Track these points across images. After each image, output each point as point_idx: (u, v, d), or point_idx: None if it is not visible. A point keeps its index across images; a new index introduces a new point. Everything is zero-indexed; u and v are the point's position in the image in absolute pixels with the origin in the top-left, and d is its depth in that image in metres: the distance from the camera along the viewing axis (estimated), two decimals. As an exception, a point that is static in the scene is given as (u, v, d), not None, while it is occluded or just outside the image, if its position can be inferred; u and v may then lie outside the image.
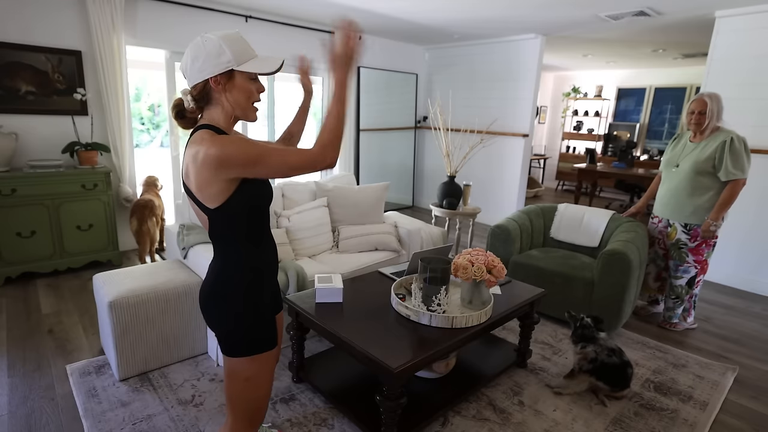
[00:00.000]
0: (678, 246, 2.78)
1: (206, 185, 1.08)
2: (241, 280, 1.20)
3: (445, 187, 3.74)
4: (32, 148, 3.36)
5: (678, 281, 2.83)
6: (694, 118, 2.65)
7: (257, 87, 1.19)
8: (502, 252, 3.09)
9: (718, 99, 2.61)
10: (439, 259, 1.88)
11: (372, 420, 1.81)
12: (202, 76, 1.11)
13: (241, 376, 1.22)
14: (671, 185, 2.78)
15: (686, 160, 2.69)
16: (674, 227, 2.79)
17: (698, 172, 2.62)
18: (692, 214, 2.69)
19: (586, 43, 5.37)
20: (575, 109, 8.52)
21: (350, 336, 1.72)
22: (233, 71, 1.12)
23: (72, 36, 3.40)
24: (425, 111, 6.28)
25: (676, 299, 2.86)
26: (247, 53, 1.14)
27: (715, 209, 2.61)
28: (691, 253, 2.75)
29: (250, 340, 1.20)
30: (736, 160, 2.52)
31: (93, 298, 3.00)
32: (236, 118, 1.20)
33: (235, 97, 1.15)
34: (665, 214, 2.84)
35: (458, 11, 4.06)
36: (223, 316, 1.19)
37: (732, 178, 2.54)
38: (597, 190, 7.89)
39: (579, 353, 2.15)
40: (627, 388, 2.11)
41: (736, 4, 3.45)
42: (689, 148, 2.71)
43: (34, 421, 1.86)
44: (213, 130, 1.13)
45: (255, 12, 4.32)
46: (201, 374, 2.22)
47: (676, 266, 2.82)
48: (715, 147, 2.56)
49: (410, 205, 6.47)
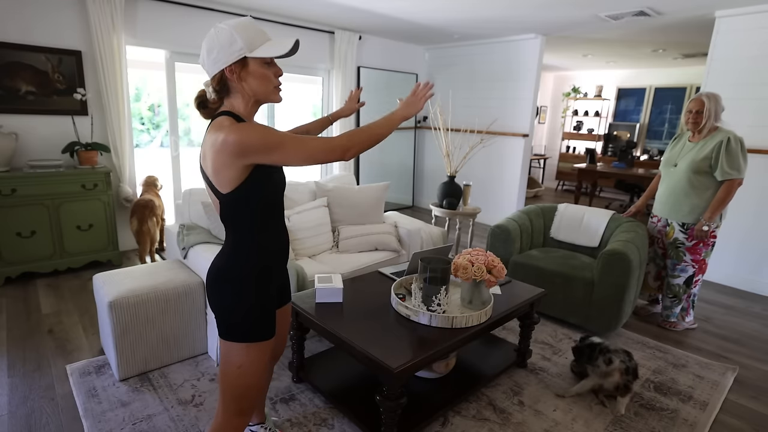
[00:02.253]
0: (675, 245, 2.79)
1: (223, 169, 1.10)
2: (246, 266, 1.22)
3: (445, 187, 3.74)
4: (32, 148, 3.36)
5: (675, 280, 2.83)
6: (691, 117, 2.66)
7: (274, 71, 1.19)
8: (502, 252, 3.09)
9: (716, 99, 2.60)
10: (439, 259, 1.88)
11: (372, 420, 1.81)
12: (218, 67, 1.13)
13: (235, 362, 1.23)
14: (669, 184, 2.79)
15: (684, 159, 2.70)
16: (672, 226, 2.81)
17: (695, 171, 2.63)
18: (689, 213, 2.70)
19: (586, 43, 5.37)
20: (575, 109, 8.52)
21: (350, 336, 1.72)
22: (246, 58, 1.13)
23: (72, 36, 3.40)
24: (425, 111, 6.28)
25: (673, 298, 2.87)
26: (259, 38, 1.14)
27: (710, 209, 2.61)
28: (689, 252, 2.75)
29: (247, 327, 1.22)
30: (732, 160, 2.52)
31: (93, 298, 3.00)
32: (258, 103, 1.21)
33: (251, 84, 1.16)
34: (663, 213, 2.85)
35: (458, 11, 4.06)
36: (226, 298, 1.21)
37: (728, 177, 2.54)
38: (597, 190, 7.89)
39: (608, 371, 2.04)
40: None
41: (736, 4, 3.45)
42: (688, 147, 2.72)
43: (34, 421, 1.86)
44: (232, 117, 1.15)
45: (255, 12, 4.32)
46: (201, 374, 2.22)
47: (673, 265, 2.82)
48: (712, 147, 2.56)
49: (410, 205, 6.47)
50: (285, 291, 1.46)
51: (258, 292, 1.23)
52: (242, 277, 1.22)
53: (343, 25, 4.86)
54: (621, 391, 2.03)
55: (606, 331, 2.71)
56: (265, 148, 1.08)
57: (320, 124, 1.66)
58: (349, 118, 5.26)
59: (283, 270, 1.39)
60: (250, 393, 1.28)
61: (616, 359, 2.04)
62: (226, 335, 1.23)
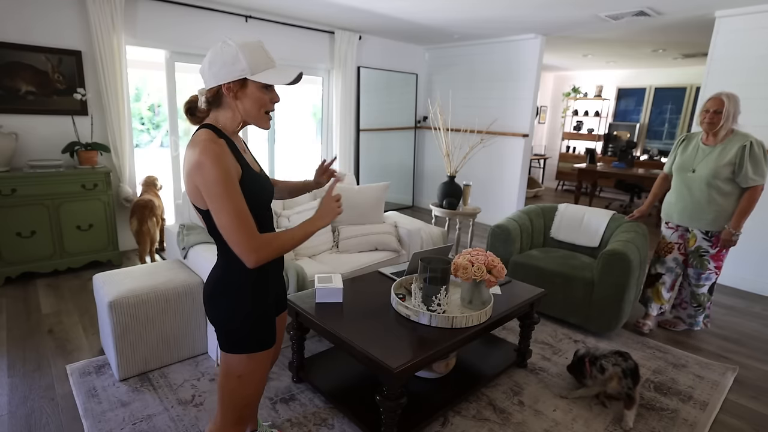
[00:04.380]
0: (699, 254, 2.67)
1: (196, 188, 1.09)
2: (241, 276, 1.20)
3: (445, 187, 3.74)
4: (32, 148, 3.36)
5: (701, 289, 2.73)
6: (708, 117, 2.50)
7: (271, 97, 1.18)
8: (502, 252, 3.09)
9: (736, 100, 2.47)
10: (439, 259, 1.88)
11: (372, 420, 1.81)
12: (216, 81, 1.12)
13: (235, 372, 1.22)
14: (688, 191, 2.64)
15: (704, 165, 2.55)
16: (693, 234, 2.69)
17: (718, 177, 2.50)
18: (714, 221, 2.57)
19: (586, 43, 5.37)
20: (575, 109, 8.52)
21: (350, 336, 1.72)
22: (246, 80, 1.12)
23: (72, 36, 3.40)
24: (425, 111, 6.28)
25: (698, 307, 2.77)
26: (264, 63, 1.12)
27: (735, 217, 2.51)
28: (713, 260, 2.65)
29: (249, 339, 1.21)
30: (756, 166, 2.42)
31: (93, 298, 3.00)
32: (245, 123, 1.20)
33: (245, 105, 1.15)
34: (683, 221, 2.70)
35: (458, 11, 4.06)
36: (224, 312, 1.20)
37: (752, 184, 2.44)
38: (597, 190, 7.89)
39: (605, 379, 2.01)
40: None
41: (736, 4, 3.45)
42: (704, 151, 2.58)
43: (34, 421, 1.86)
44: (213, 131, 1.13)
45: (255, 12, 4.32)
46: (201, 374, 2.22)
47: (698, 274, 2.70)
48: (735, 152, 2.44)
49: (410, 205, 6.47)
50: (281, 299, 1.44)
51: (255, 302, 1.22)
52: (238, 287, 1.19)
53: (343, 25, 4.86)
54: (626, 403, 1.98)
55: (606, 331, 2.71)
56: (207, 189, 1.05)
57: (291, 189, 1.57)
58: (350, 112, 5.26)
59: (279, 277, 1.36)
60: (249, 401, 1.28)
61: (608, 365, 2.01)
62: (227, 347, 1.21)
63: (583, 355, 2.13)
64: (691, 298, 2.80)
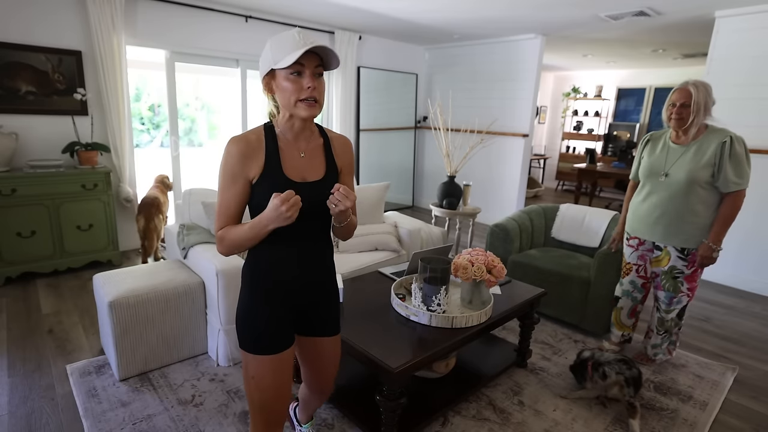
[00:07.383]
0: (672, 275, 2.24)
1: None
2: (250, 276, 1.21)
3: (445, 187, 3.74)
4: (32, 148, 3.36)
5: (670, 315, 2.33)
6: (675, 112, 2.13)
7: (300, 84, 1.08)
8: (500, 251, 3.09)
9: (706, 89, 2.09)
10: (439, 259, 1.88)
11: (372, 420, 1.81)
12: (261, 78, 1.15)
13: (248, 372, 1.22)
14: (659, 200, 2.21)
15: (678, 167, 2.14)
16: (666, 252, 2.25)
17: (696, 182, 2.09)
18: (692, 236, 2.15)
19: (586, 43, 5.37)
20: (575, 109, 8.52)
21: (350, 336, 1.72)
22: (274, 71, 1.12)
23: (72, 36, 3.40)
24: (425, 111, 6.28)
25: (665, 334, 2.38)
26: (288, 48, 1.05)
27: (716, 228, 2.09)
28: (686, 281, 2.24)
29: (240, 335, 1.21)
30: (737, 166, 2.03)
31: (93, 298, 3.00)
32: (292, 117, 1.14)
33: (279, 96, 1.14)
34: (653, 235, 2.26)
35: (458, 11, 4.06)
36: (238, 305, 1.24)
37: (734, 189, 2.04)
38: (597, 190, 7.89)
39: (607, 386, 2.01)
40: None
41: (736, 4, 3.45)
42: (676, 152, 2.18)
43: (34, 421, 1.86)
44: (266, 125, 1.18)
45: (255, 12, 4.32)
46: (201, 374, 2.22)
47: (669, 299, 2.29)
48: (713, 151, 2.05)
49: (410, 205, 6.47)
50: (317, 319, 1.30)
51: (253, 295, 1.19)
52: (243, 281, 1.23)
53: (343, 25, 4.86)
54: (629, 413, 1.96)
55: (601, 331, 2.71)
56: (219, 175, 1.15)
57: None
58: (350, 112, 5.26)
59: (305, 291, 1.24)
60: (271, 405, 1.23)
61: (611, 372, 2.00)
62: (238, 342, 1.23)
63: (587, 359, 2.12)
64: (658, 324, 2.39)
